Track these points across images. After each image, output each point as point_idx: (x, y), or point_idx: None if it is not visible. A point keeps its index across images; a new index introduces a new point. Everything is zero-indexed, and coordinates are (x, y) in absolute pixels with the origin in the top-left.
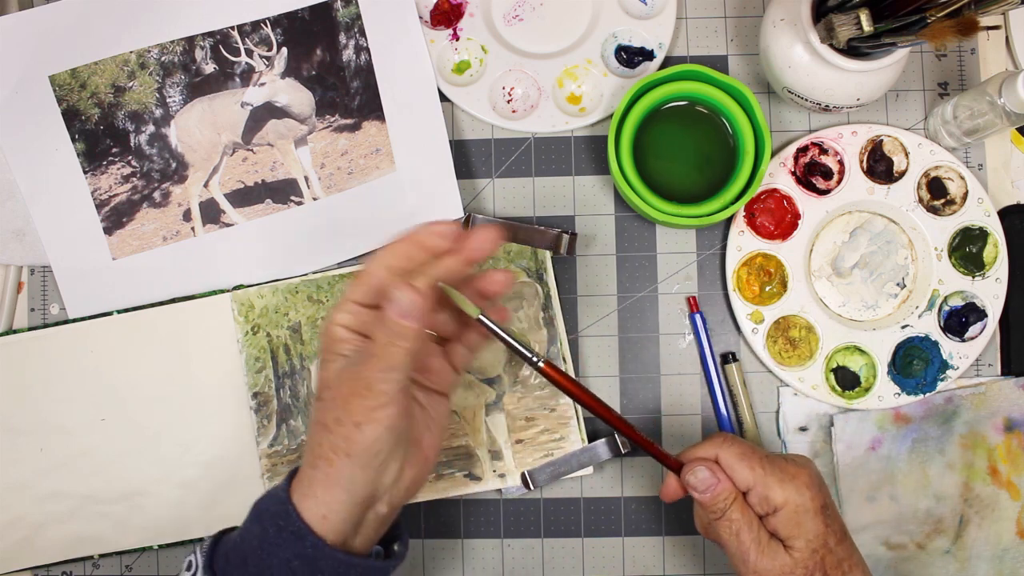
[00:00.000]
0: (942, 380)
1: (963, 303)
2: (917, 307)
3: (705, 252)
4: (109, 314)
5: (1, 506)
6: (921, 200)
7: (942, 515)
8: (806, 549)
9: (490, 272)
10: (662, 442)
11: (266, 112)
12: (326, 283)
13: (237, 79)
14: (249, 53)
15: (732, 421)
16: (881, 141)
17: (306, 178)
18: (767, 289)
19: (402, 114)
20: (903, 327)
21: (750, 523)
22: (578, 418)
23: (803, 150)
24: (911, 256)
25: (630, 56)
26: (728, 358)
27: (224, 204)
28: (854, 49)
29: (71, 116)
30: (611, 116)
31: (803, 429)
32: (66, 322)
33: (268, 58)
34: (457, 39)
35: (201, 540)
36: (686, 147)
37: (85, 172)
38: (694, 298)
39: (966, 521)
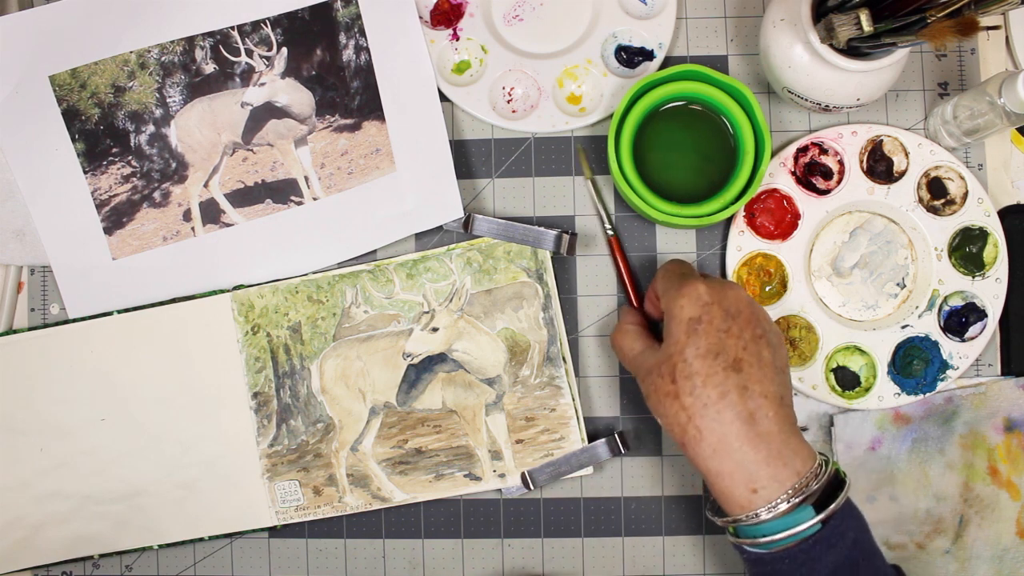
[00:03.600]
0: (942, 380)
1: (963, 303)
2: (917, 307)
3: (705, 252)
4: (109, 314)
5: (1, 506)
6: (921, 200)
7: (942, 515)
8: (663, 352)
9: None
10: (662, 442)
11: (266, 112)
12: (326, 283)
13: (237, 79)
14: (249, 53)
15: None
16: (881, 141)
17: (306, 178)
18: (767, 289)
19: (402, 114)
20: (903, 327)
21: (637, 326)
22: (578, 418)
23: (803, 150)
24: (911, 256)
25: (630, 56)
26: None
27: (224, 204)
28: (854, 49)
29: (71, 116)
30: (611, 116)
31: (803, 429)
32: (66, 322)
33: (268, 58)
34: (457, 39)
35: (201, 540)
36: (686, 147)
37: (85, 172)
38: None
39: (966, 521)
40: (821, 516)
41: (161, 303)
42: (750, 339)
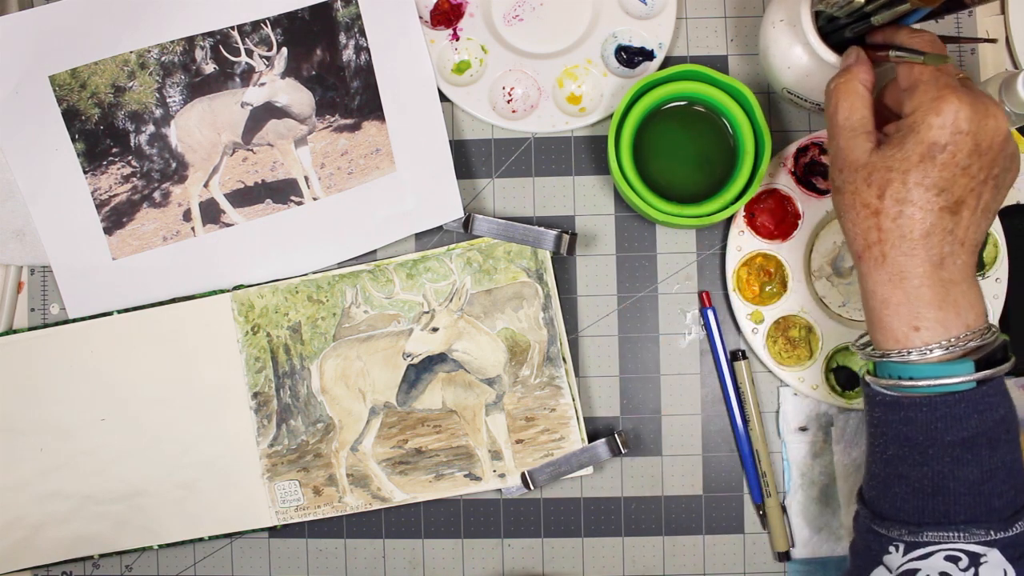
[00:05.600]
0: None
1: None
2: None
3: (705, 252)
4: (109, 314)
5: (1, 506)
6: None
7: None
8: (883, 158)
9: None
10: (662, 442)
11: (266, 112)
12: (326, 283)
13: (237, 79)
14: (249, 53)
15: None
16: None
17: (306, 178)
18: (767, 289)
19: (402, 114)
20: None
21: (869, 91)
22: (578, 418)
23: (803, 150)
24: None
25: (630, 56)
26: (737, 355)
27: (224, 204)
28: None
29: (71, 116)
30: (611, 116)
31: (803, 429)
32: (66, 322)
33: (268, 58)
34: (457, 39)
35: (201, 540)
36: (686, 147)
37: (85, 172)
38: (707, 293)
39: None
40: (979, 375)
41: (161, 303)
42: (982, 180)
